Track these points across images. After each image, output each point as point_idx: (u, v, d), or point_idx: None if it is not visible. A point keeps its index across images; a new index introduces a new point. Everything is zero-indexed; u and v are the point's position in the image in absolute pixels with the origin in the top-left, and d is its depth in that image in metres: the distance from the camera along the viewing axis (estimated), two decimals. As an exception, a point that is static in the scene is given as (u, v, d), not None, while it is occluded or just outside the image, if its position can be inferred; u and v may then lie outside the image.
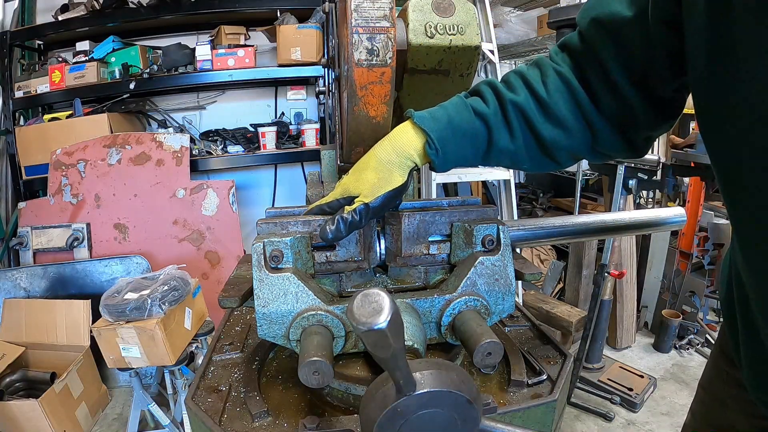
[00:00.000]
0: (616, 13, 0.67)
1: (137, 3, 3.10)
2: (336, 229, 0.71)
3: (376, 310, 0.43)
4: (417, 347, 0.69)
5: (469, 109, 0.74)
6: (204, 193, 3.06)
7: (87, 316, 2.50)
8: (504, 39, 4.24)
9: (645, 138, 0.79)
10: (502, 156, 0.78)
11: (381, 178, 0.72)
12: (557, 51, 0.79)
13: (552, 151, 0.77)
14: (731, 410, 0.81)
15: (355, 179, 0.74)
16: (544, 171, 0.85)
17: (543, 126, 0.74)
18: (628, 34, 0.67)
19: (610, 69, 0.70)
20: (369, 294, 0.44)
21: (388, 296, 0.44)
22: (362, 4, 0.72)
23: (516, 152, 0.77)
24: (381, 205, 0.72)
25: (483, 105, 0.75)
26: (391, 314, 0.43)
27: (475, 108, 0.74)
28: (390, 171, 0.72)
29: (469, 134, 0.74)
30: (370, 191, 0.72)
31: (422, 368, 0.51)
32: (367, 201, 0.71)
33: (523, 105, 0.74)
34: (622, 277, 2.79)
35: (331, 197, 0.77)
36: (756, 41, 0.48)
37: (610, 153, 0.81)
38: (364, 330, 0.43)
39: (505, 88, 0.76)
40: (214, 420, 0.74)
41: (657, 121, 0.75)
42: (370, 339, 0.44)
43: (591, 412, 2.59)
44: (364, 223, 0.72)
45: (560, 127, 0.75)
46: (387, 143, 0.74)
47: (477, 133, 0.74)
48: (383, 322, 0.42)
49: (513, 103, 0.74)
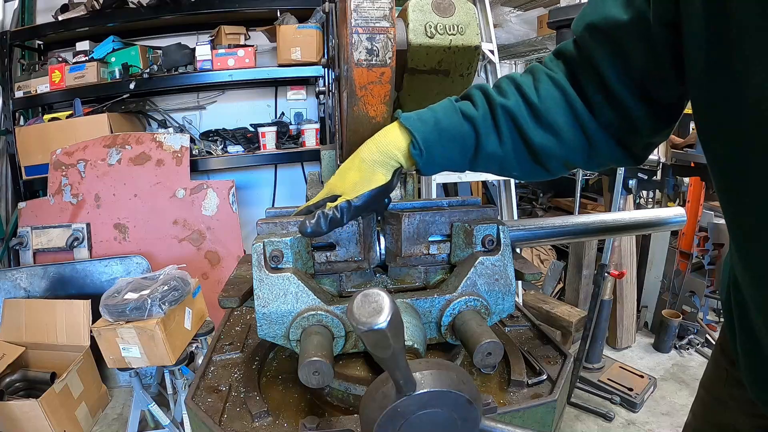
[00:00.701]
0: (612, 18, 0.66)
1: (137, 3, 3.10)
2: (315, 224, 0.70)
3: (376, 310, 0.43)
4: (417, 347, 0.69)
5: (458, 112, 0.74)
6: (204, 193, 3.06)
7: (87, 316, 2.50)
8: (504, 39, 4.25)
9: (644, 146, 0.77)
10: (490, 161, 0.76)
11: (363, 177, 0.72)
12: (552, 58, 0.78)
13: (542, 158, 0.75)
14: (732, 410, 0.81)
15: (340, 179, 0.75)
16: (534, 179, 0.83)
17: (533, 132, 0.73)
18: (625, 38, 0.66)
19: (606, 75, 0.69)
20: (369, 294, 0.44)
21: (388, 296, 0.44)
22: (362, 4, 0.72)
23: (504, 158, 0.75)
24: (364, 203, 0.72)
25: (472, 108, 0.74)
26: (391, 314, 0.43)
27: (464, 111, 0.74)
28: (373, 170, 0.72)
29: (457, 137, 0.73)
30: (352, 189, 0.72)
31: (422, 368, 0.51)
32: (349, 198, 0.71)
33: (513, 109, 0.73)
34: (622, 277, 2.79)
35: (318, 197, 0.78)
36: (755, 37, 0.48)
37: (608, 162, 0.80)
38: (364, 330, 0.43)
39: (496, 92, 0.75)
40: (214, 420, 0.74)
41: (655, 127, 0.73)
42: (370, 339, 0.44)
43: (591, 412, 2.59)
44: (346, 220, 0.72)
45: (552, 134, 0.73)
46: (371, 143, 0.74)
47: (465, 136, 0.73)
48: (383, 322, 0.42)
49: (503, 107, 0.73)
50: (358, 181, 0.72)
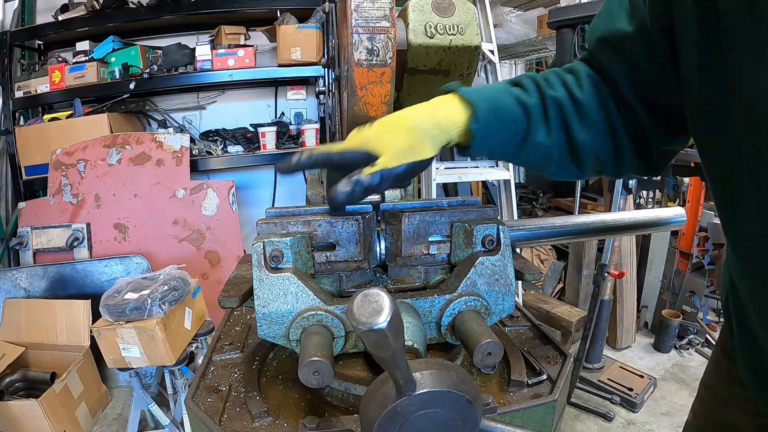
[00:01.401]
0: (619, 30, 0.67)
1: (137, 3, 3.10)
2: (350, 192, 0.63)
3: (376, 310, 0.43)
4: (417, 347, 0.69)
5: (512, 95, 0.71)
6: (204, 193, 3.06)
7: (87, 316, 2.50)
8: (504, 39, 4.24)
9: (660, 154, 0.77)
10: (534, 152, 0.74)
11: (412, 145, 0.66)
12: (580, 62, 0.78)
13: (581, 155, 0.74)
14: (732, 409, 0.81)
15: (383, 138, 0.67)
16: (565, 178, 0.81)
17: (578, 127, 0.72)
18: (632, 49, 0.66)
19: (621, 85, 0.70)
20: (369, 294, 0.44)
21: (388, 296, 0.44)
22: (362, 4, 0.72)
23: (548, 150, 0.73)
24: (403, 174, 0.66)
25: (526, 94, 0.72)
26: (391, 314, 0.42)
27: (518, 96, 0.71)
28: (423, 140, 0.66)
29: (511, 121, 0.70)
30: (395, 156, 0.65)
31: (422, 368, 0.51)
32: (390, 166, 0.65)
33: (563, 102, 0.72)
34: (622, 277, 2.79)
35: (344, 146, 0.68)
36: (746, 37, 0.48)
37: (631, 170, 0.79)
38: (364, 330, 0.43)
39: (545, 83, 0.74)
40: (214, 420, 0.74)
41: (668, 136, 0.74)
42: (371, 339, 0.44)
43: (591, 412, 2.59)
44: (382, 189, 0.66)
45: (592, 132, 0.73)
46: (427, 111, 0.68)
47: (517, 121, 0.71)
48: (383, 322, 0.42)
49: (554, 98, 0.72)
50: (405, 148, 0.66)
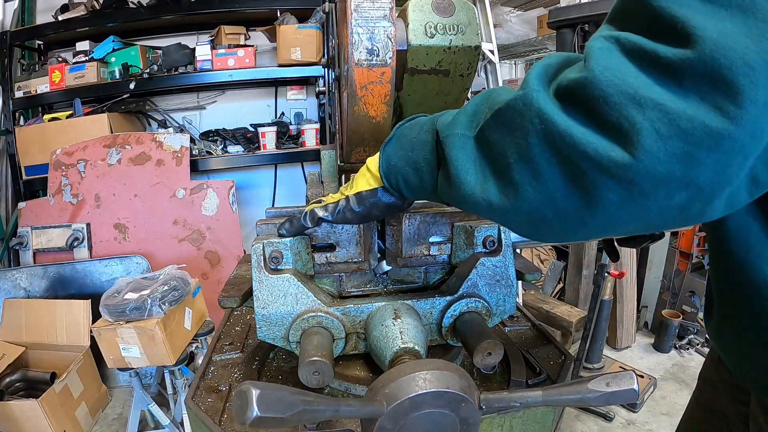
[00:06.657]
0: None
1: (137, 3, 3.10)
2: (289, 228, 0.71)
3: (243, 406, 0.43)
4: (418, 349, 0.69)
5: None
6: (204, 193, 3.06)
7: (87, 316, 2.50)
8: (504, 39, 4.24)
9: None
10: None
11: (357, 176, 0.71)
12: None
13: None
14: (720, 392, 0.85)
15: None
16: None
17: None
18: None
19: None
20: (237, 393, 0.44)
21: (252, 387, 0.44)
22: (362, 4, 0.72)
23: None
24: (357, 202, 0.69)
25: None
26: (256, 404, 0.43)
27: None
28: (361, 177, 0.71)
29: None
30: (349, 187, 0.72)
31: (423, 368, 0.51)
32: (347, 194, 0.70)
33: None
34: (622, 277, 2.79)
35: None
36: None
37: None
38: (248, 425, 0.43)
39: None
40: (214, 420, 0.74)
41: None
42: (267, 425, 0.44)
43: (591, 412, 2.58)
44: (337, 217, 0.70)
45: None
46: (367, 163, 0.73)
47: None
48: (253, 411, 0.43)
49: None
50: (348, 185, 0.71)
